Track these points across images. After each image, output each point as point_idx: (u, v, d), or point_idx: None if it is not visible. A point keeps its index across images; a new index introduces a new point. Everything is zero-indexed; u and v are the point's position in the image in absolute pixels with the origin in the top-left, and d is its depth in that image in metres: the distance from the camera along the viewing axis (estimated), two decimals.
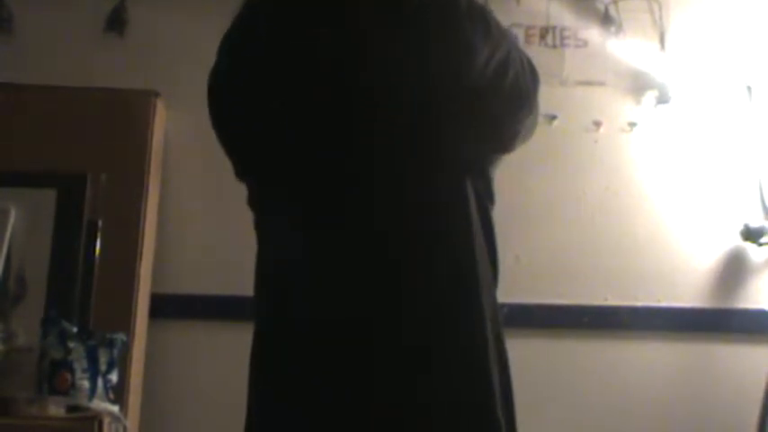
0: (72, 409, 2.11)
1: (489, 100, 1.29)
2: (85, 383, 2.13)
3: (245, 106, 1.32)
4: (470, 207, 1.29)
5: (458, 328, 1.26)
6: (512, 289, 1.38)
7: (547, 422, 2.43)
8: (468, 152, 1.31)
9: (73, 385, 2.12)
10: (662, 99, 2.70)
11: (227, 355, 2.50)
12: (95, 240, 2.39)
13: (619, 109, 2.73)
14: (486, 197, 1.35)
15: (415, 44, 1.26)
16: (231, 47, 1.38)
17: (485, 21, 1.32)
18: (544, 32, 2.74)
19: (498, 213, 1.38)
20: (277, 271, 1.33)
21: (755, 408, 2.34)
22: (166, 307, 2.56)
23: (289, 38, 1.30)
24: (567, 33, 2.75)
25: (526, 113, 1.36)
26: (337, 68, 1.26)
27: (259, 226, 1.38)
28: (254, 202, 1.38)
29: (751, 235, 2.61)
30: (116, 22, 2.70)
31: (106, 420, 2.11)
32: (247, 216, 1.44)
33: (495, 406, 1.26)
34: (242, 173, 1.38)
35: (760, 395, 2.34)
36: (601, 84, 2.73)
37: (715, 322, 2.62)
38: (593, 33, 2.75)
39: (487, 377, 1.26)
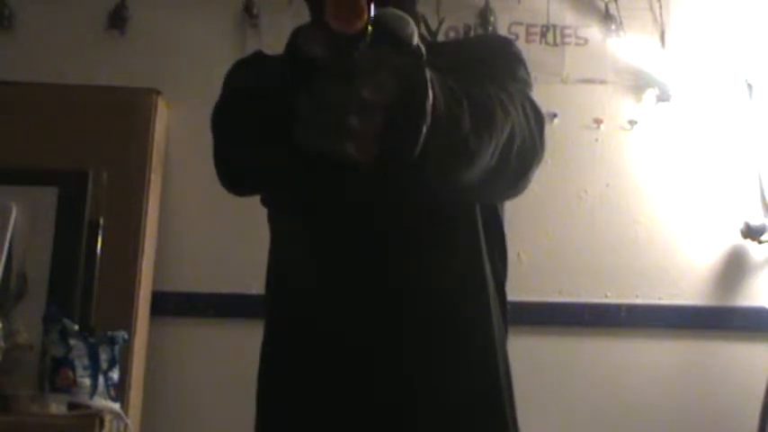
0: (73, 406, 2.11)
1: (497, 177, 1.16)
2: (87, 381, 2.14)
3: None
4: (474, 207, 1.29)
5: (463, 329, 1.26)
6: (512, 286, 1.37)
7: (547, 419, 2.43)
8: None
9: (74, 383, 2.12)
10: (662, 97, 2.70)
11: (227, 352, 2.51)
12: (97, 238, 2.39)
13: (619, 107, 2.73)
14: None
15: None
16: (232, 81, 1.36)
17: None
18: (545, 31, 2.75)
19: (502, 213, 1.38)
20: (283, 271, 1.33)
21: (756, 405, 2.34)
22: (167, 305, 2.56)
23: None
24: (567, 31, 2.75)
25: (536, 168, 1.27)
26: None
27: (271, 222, 1.38)
28: (265, 200, 1.38)
29: (751, 232, 2.61)
30: (117, 20, 2.70)
31: (107, 418, 2.12)
32: (248, 214, 1.44)
33: (504, 406, 1.26)
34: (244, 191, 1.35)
35: (760, 393, 2.35)
36: (601, 82, 2.73)
37: (715, 320, 2.62)
38: (593, 31, 2.76)
39: (496, 377, 1.27)
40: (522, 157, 1.13)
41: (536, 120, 1.18)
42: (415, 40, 0.88)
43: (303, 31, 0.87)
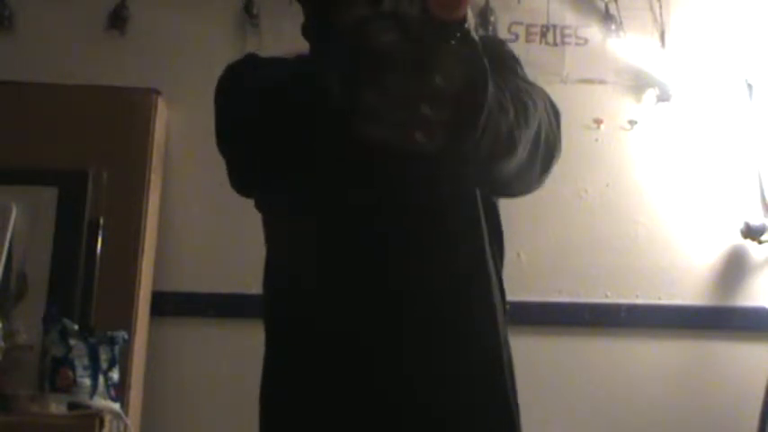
0: (73, 406, 2.11)
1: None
2: (87, 381, 2.14)
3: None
4: (478, 207, 1.29)
5: (465, 329, 1.26)
6: (513, 286, 1.37)
7: (547, 419, 2.43)
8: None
9: (74, 383, 2.12)
10: (662, 97, 2.70)
11: (227, 352, 2.51)
12: (97, 238, 2.39)
13: (619, 107, 2.73)
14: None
15: None
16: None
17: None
18: (545, 31, 2.74)
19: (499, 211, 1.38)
20: (283, 271, 1.33)
21: (756, 405, 2.34)
22: (167, 304, 2.56)
23: None
24: (567, 31, 2.75)
25: (556, 164, 1.30)
26: None
27: (266, 225, 1.38)
28: (260, 205, 1.38)
29: (751, 232, 2.61)
30: (117, 20, 2.70)
31: (107, 418, 2.12)
32: (248, 214, 1.44)
33: (510, 405, 1.26)
34: (244, 186, 1.35)
35: (760, 392, 2.35)
36: (601, 82, 2.73)
37: (715, 320, 2.62)
38: (593, 31, 2.75)
39: (502, 376, 1.27)
40: (549, 150, 1.15)
41: (555, 116, 1.20)
42: (473, 31, 0.90)
43: (374, 22, 0.88)
